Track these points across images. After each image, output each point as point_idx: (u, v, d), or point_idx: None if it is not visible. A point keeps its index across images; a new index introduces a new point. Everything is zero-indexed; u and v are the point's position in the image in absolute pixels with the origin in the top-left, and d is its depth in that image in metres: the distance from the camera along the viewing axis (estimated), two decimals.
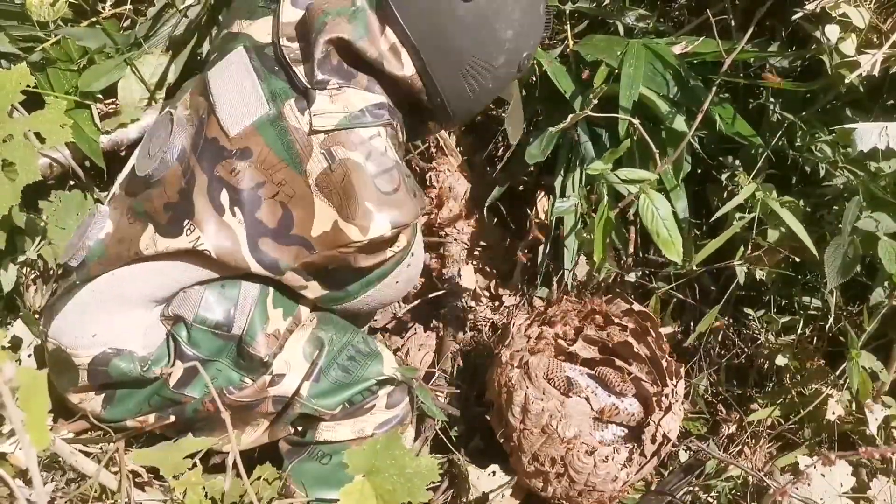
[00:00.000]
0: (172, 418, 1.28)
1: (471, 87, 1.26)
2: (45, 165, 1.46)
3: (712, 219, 1.56)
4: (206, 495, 1.05)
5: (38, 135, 1.20)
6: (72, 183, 1.52)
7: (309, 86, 1.20)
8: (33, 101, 1.34)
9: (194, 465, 1.01)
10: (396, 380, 1.32)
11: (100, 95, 1.53)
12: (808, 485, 1.31)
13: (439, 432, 1.51)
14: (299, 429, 1.32)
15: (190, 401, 1.25)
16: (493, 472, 1.48)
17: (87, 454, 1.21)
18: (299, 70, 1.22)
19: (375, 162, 1.20)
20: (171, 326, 1.26)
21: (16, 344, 1.38)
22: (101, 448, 1.25)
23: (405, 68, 1.23)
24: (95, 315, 1.24)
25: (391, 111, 1.25)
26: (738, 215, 1.51)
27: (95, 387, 1.27)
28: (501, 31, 1.22)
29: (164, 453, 1.02)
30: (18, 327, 1.41)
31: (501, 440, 1.45)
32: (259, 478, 1.22)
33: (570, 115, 1.51)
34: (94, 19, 1.57)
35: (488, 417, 1.50)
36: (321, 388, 1.26)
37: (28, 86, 1.16)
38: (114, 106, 1.54)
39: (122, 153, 1.55)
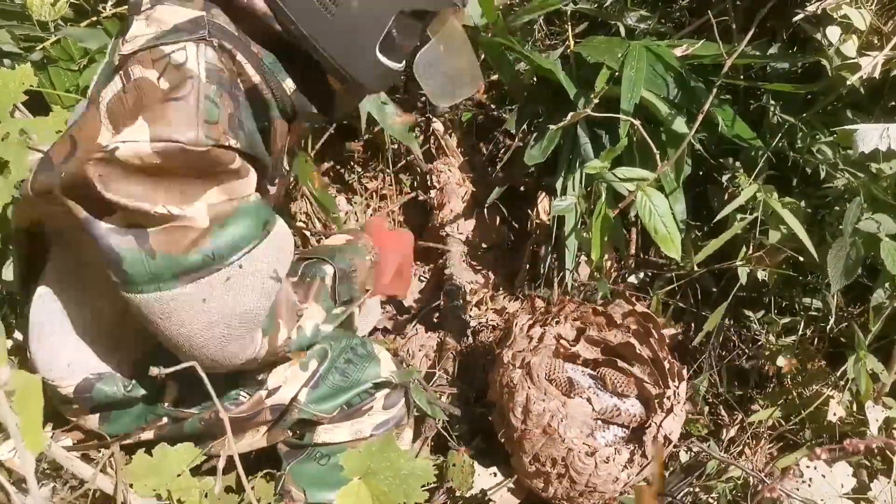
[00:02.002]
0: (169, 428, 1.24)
1: (323, 4, 1.00)
2: (35, 161, 1.46)
3: (713, 220, 1.56)
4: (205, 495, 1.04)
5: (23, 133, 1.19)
6: None
7: (128, 12, 1.03)
8: (34, 100, 1.34)
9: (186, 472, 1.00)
10: (393, 382, 1.29)
11: None
12: (809, 485, 1.31)
13: (442, 431, 1.51)
14: (297, 431, 1.30)
15: (189, 416, 1.21)
16: (495, 473, 1.48)
17: (88, 459, 1.20)
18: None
19: (169, 76, 0.95)
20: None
21: (18, 346, 1.37)
22: (101, 453, 1.24)
23: None
24: (62, 341, 1.18)
25: (223, 32, 1.00)
26: (739, 216, 1.52)
27: (88, 409, 1.22)
28: None
29: (157, 462, 1.01)
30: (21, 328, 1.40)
31: (503, 440, 1.45)
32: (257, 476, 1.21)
33: (571, 114, 1.51)
34: (93, 19, 1.57)
35: (490, 418, 1.50)
36: (319, 393, 1.23)
37: (31, 86, 1.16)
38: None
39: None
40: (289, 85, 1.07)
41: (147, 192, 0.95)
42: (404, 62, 1.13)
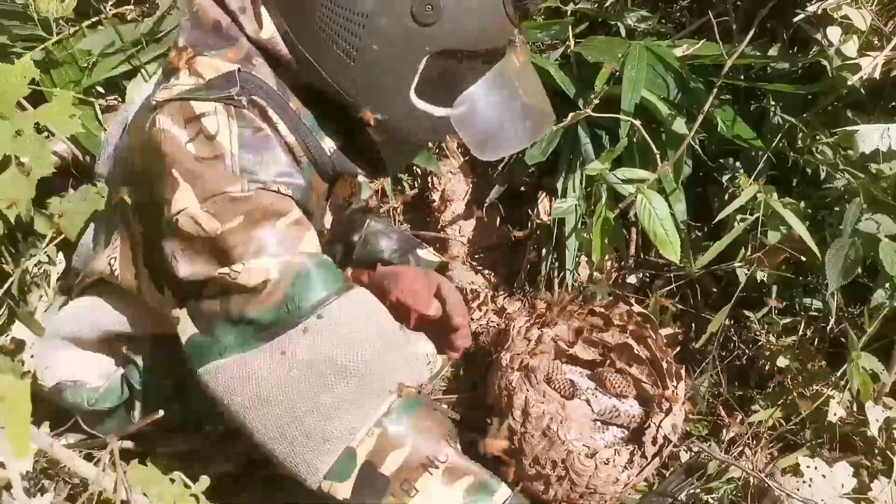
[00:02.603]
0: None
1: (343, 50, 0.92)
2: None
3: (714, 221, 1.56)
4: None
5: (38, 126, 1.19)
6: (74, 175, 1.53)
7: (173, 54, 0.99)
8: (36, 100, 1.34)
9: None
10: None
11: (101, 90, 1.53)
12: (810, 485, 1.31)
13: None
14: None
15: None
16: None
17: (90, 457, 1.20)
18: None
19: (199, 147, 0.92)
20: (123, 367, 1.16)
21: (18, 346, 1.37)
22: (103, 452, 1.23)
23: (264, 30, 0.96)
24: (47, 345, 1.18)
25: (258, 86, 0.95)
26: (739, 217, 1.52)
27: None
28: None
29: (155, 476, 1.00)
30: (18, 328, 1.40)
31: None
32: None
33: (571, 114, 1.51)
34: (95, 19, 1.57)
35: (489, 420, 1.50)
36: None
37: (33, 79, 1.15)
38: (115, 101, 1.55)
39: None
40: (328, 145, 1.00)
41: (213, 259, 0.91)
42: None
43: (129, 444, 1.20)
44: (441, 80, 0.96)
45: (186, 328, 0.95)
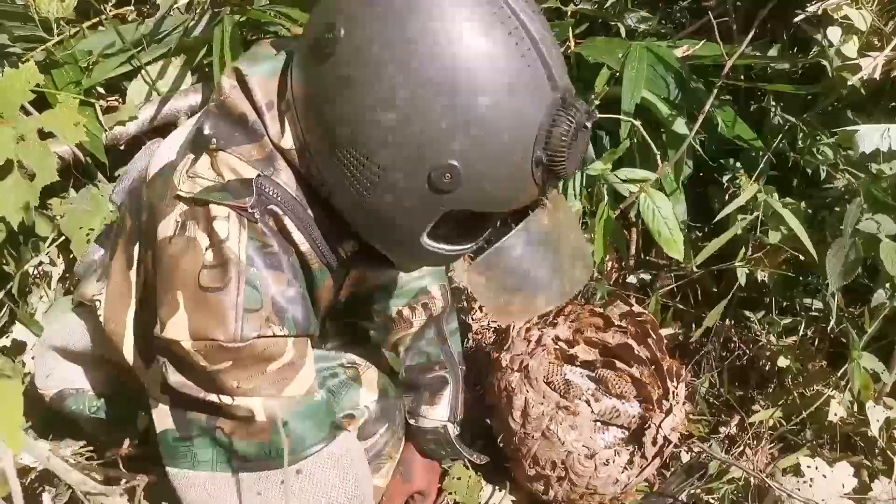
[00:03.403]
0: None
1: (356, 189, 0.86)
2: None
3: (714, 221, 1.56)
4: None
5: (41, 132, 1.19)
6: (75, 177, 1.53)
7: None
8: (38, 101, 1.34)
9: None
10: (369, 410, 1.18)
11: (102, 91, 1.54)
12: (810, 485, 1.31)
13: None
14: None
15: None
16: (496, 477, 1.48)
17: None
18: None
19: (212, 253, 0.89)
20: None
21: (19, 347, 1.38)
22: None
23: (284, 138, 0.92)
24: (48, 352, 1.19)
25: (276, 192, 0.92)
26: (740, 216, 1.52)
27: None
28: (372, 110, 0.81)
29: None
30: (19, 330, 1.40)
31: (502, 444, 1.45)
32: None
33: None
34: (96, 19, 1.57)
35: (489, 421, 1.50)
36: None
37: (37, 84, 1.15)
38: (115, 102, 1.55)
39: (122, 147, 1.56)
40: (346, 248, 0.99)
41: (202, 386, 0.91)
42: (472, 244, 0.96)
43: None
44: (454, 227, 0.92)
45: (165, 420, 0.95)
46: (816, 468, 1.32)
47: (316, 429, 0.95)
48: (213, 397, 0.91)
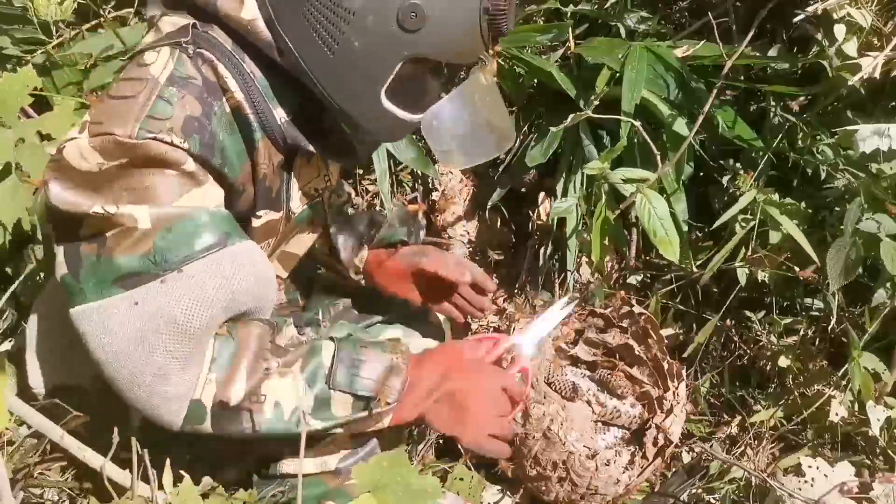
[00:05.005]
0: None
1: (324, 40, 0.94)
2: None
3: (715, 224, 1.56)
4: None
5: (40, 134, 1.19)
6: None
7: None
8: (38, 104, 1.34)
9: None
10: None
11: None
12: (812, 485, 1.31)
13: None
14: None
15: None
16: (497, 474, 1.48)
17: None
18: None
19: (131, 71, 0.94)
20: None
21: (20, 347, 1.37)
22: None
23: (245, 9, 0.96)
24: (40, 348, 1.15)
25: (210, 43, 0.96)
26: (740, 218, 1.52)
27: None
28: None
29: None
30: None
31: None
32: None
33: (571, 115, 1.51)
34: (95, 22, 1.57)
35: None
36: None
37: (36, 88, 1.16)
38: None
39: None
40: (279, 114, 1.01)
41: (88, 194, 0.91)
42: (419, 114, 1.03)
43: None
44: (408, 86, 0.99)
45: (61, 268, 0.95)
46: (817, 468, 1.32)
47: (207, 234, 0.94)
48: (97, 208, 0.91)
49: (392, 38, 0.94)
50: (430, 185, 1.87)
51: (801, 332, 1.60)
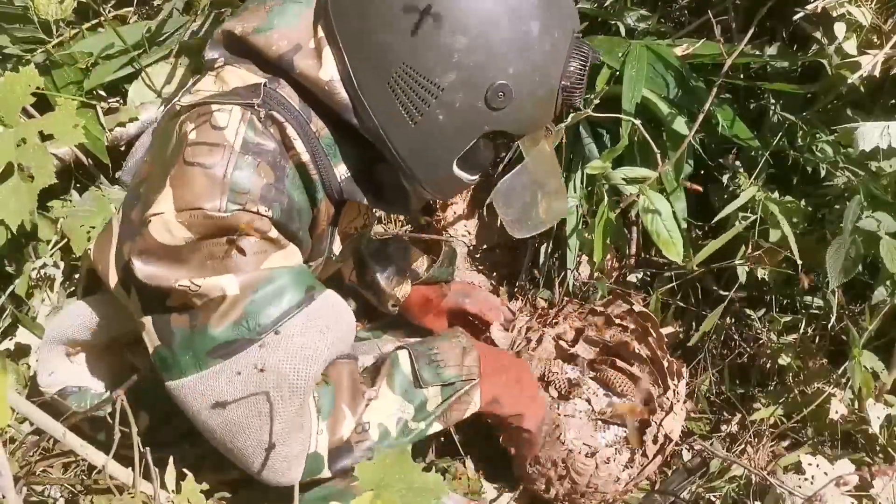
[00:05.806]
0: None
1: (408, 111, 0.95)
2: None
3: (714, 220, 1.56)
4: None
5: (42, 134, 1.19)
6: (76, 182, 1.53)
7: (204, 67, 1.04)
8: (39, 103, 1.34)
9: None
10: None
11: (103, 93, 1.54)
12: (811, 482, 1.31)
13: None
14: None
15: None
16: (497, 475, 1.48)
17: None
18: None
19: (203, 135, 0.92)
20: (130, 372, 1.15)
21: (23, 350, 1.38)
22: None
23: (323, 69, 0.97)
24: (52, 350, 1.17)
25: (280, 103, 0.96)
26: (740, 215, 1.52)
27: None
28: (447, 34, 0.91)
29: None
30: (22, 333, 1.40)
31: (503, 444, 1.45)
32: None
33: (571, 115, 1.52)
34: (95, 21, 1.58)
35: (489, 420, 1.50)
36: None
37: (38, 87, 1.16)
38: (116, 103, 1.55)
39: (122, 148, 1.56)
40: (341, 171, 1.02)
41: (174, 267, 0.91)
42: (478, 175, 1.08)
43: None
44: (476, 154, 1.02)
45: (152, 338, 0.97)
46: (817, 465, 1.32)
47: (293, 291, 0.96)
48: (184, 281, 0.91)
49: (477, 114, 0.96)
50: None
51: (801, 330, 1.60)
